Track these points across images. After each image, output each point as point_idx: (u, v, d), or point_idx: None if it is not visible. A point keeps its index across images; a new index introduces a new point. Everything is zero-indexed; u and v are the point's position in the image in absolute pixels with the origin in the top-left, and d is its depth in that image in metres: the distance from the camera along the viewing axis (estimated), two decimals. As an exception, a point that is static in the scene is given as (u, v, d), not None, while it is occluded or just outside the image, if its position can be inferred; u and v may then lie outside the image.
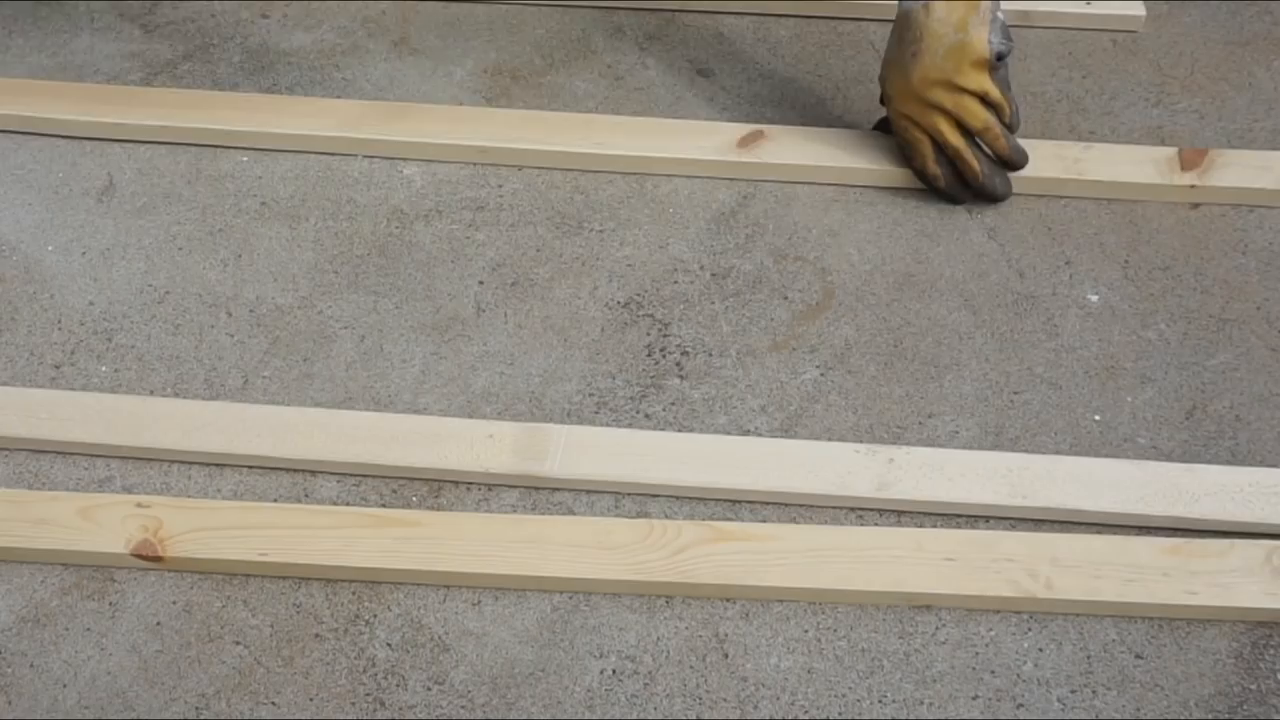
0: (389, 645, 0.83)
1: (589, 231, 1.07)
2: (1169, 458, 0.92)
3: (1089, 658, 0.83)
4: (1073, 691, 0.81)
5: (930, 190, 1.09)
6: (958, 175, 1.07)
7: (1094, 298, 1.03)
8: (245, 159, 1.13)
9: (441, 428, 0.92)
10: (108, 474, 0.91)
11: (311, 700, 0.81)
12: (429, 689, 0.82)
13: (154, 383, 0.97)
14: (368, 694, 0.81)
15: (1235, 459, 0.93)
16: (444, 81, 1.20)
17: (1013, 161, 1.07)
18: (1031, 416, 0.95)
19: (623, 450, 0.91)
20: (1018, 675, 0.82)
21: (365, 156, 1.13)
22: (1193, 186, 1.08)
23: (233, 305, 1.02)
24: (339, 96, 1.18)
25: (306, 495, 0.90)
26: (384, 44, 1.24)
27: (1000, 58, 1.02)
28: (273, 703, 0.81)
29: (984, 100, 1.03)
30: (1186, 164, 1.10)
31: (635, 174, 1.11)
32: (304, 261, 1.05)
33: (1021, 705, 0.81)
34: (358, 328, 1.01)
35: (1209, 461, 0.92)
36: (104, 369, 0.97)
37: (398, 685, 0.82)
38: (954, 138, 1.05)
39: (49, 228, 1.08)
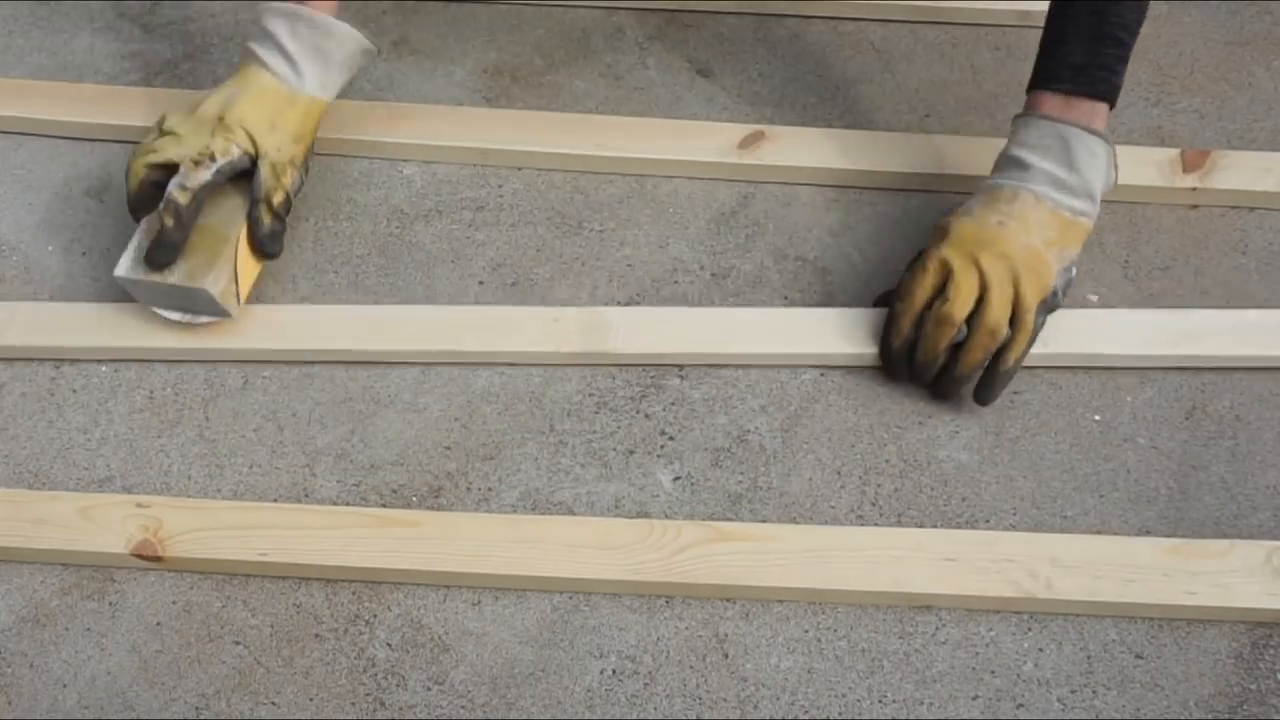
0: (389, 645, 0.83)
1: (589, 231, 1.07)
2: (1169, 458, 0.93)
3: (1089, 658, 0.83)
4: (1073, 692, 0.81)
5: (879, 341, 0.96)
6: (912, 347, 0.93)
7: (1094, 298, 1.03)
8: (245, 159, 1.13)
9: (508, 315, 0.99)
10: (108, 473, 0.91)
11: (311, 700, 0.81)
12: (429, 689, 0.82)
13: (154, 383, 0.97)
14: (368, 694, 0.81)
15: (1235, 460, 0.93)
16: (444, 81, 1.20)
17: (946, 391, 0.94)
18: (1031, 416, 0.95)
19: (678, 327, 0.98)
20: (1018, 675, 0.82)
21: (365, 156, 1.13)
22: (1194, 189, 1.08)
23: (233, 305, 1.02)
24: (338, 96, 1.18)
25: (306, 495, 0.90)
26: (384, 44, 1.24)
27: (1053, 306, 0.92)
28: (273, 703, 0.81)
29: (1013, 317, 0.90)
30: (1189, 166, 1.09)
31: (635, 174, 1.11)
32: (304, 261, 1.05)
33: (1021, 705, 0.81)
34: (358, 328, 1.01)
35: (1209, 462, 0.92)
36: (104, 369, 0.97)
37: (398, 685, 0.82)
38: (960, 308, 0.89)
39: (49, 228, 1.08)
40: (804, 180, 1.11)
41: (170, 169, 0.93)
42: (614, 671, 0.82)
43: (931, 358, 0.92)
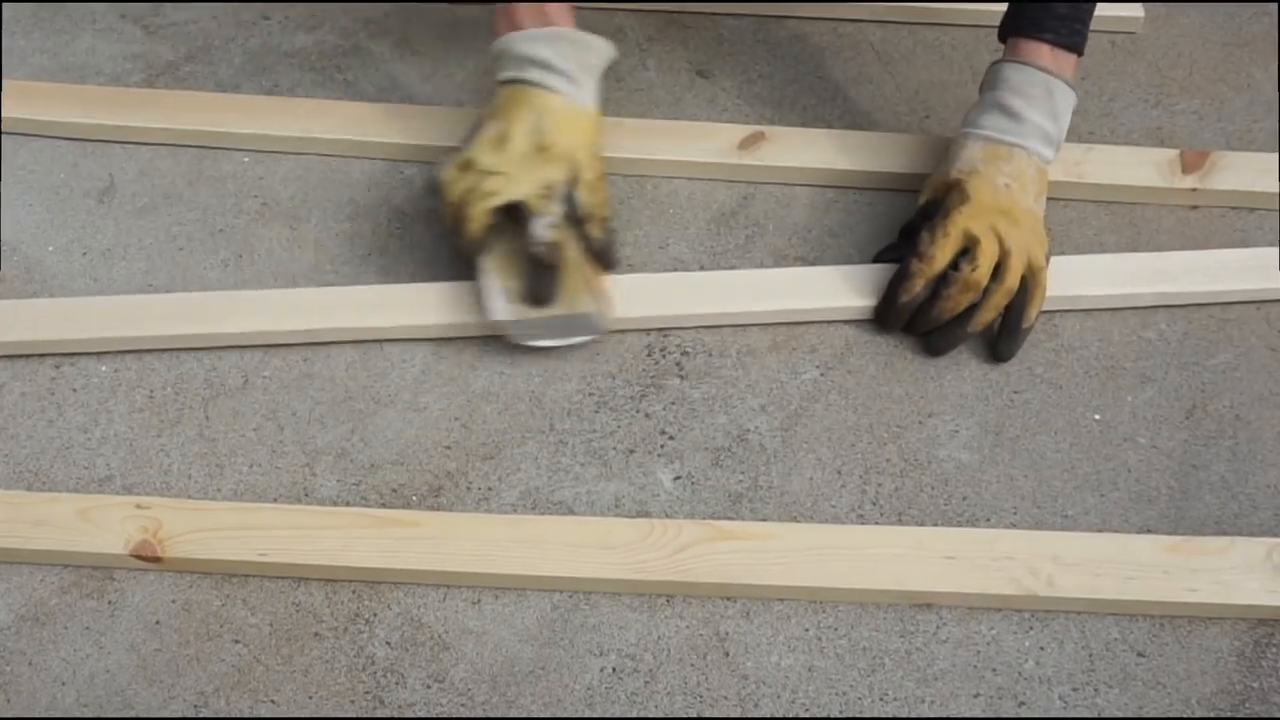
0: (388, 644, 0.83)
1: (589, 232, 1.07)
2: (1169, 457, 0.93)
3: (1090, 656, 0.83)
4: (1074, 690, 0.81)
5: (883, 294, 0.98)
6: (927, 305, 0.96)
7: (1094, 298, 1.03)
8: (246, 160, 1.13)
9: None
10: (108, 473, 0.91)
11: (311, 698, 0.81)
12: (428, 687, 0.81)
13: (154, 382, 0.97)
14: (367, 692, 0.81)
15: (1235, 459, 0.93)
16: (445, 83, 1.20)
17: (947, 346, 0.97)
18: (1031, 416, 0.95)
19: (681, 290, 1.01)
20: (1019, 673, 0.82)
21: (366, 157, 1.13)
22: (1194, 190, 1.08)
23: (233, 305, 1.02)
24: (340, 98, 1.18)
25: (306, 495, 0.90)
26: (385, 45, 1.24)
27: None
28: (272, 701, 0.81)
29: (1027, 273, 0.95)
30: (1188, 166, 1.10)
31: (635, 174, 1.12)
32: (304, 262, 1.05)
33: (1023, 703, 0.81)
34: (358, 327, 1.01)
35: (1209, 461, 0.92)
36: (104, 369, 0.97)
37: (397, 683, 0.81)
38: (985, 275, 0.94)
39: (49, 228, 1.08)
40: (804, 180, 1.11)
41: (507, 208, 0.94)
42: (614, 670, 0.82)
43: (948, 317, 0.96)
